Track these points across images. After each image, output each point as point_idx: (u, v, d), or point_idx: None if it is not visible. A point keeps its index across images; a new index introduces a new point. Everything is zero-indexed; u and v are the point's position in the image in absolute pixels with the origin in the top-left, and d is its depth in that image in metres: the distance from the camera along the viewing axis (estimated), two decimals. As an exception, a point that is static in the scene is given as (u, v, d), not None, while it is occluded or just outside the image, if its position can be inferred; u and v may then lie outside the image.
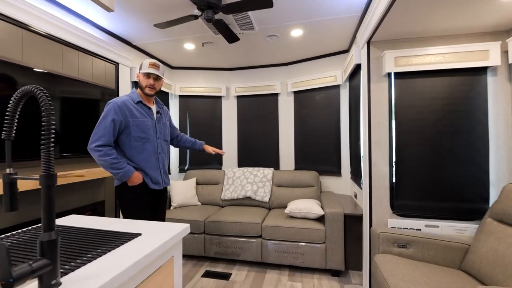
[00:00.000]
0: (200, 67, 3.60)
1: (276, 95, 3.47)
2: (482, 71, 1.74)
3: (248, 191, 3.00)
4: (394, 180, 1.90)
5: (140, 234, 0.97)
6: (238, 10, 1.88)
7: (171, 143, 2.06)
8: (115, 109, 1.55)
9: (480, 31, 1.74)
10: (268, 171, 3.14)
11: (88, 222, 1.15)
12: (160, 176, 1.71)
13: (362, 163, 2.28)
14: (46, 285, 0.58)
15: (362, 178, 2.22)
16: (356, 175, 2.58)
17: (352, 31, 2.48)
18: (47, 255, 0.58)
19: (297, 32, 2.51)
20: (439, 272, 1.46)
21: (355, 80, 2.62)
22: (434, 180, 1.81)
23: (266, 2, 1.77)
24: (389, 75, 1.91)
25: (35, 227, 1.07)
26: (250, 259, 2.44)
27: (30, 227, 1.06)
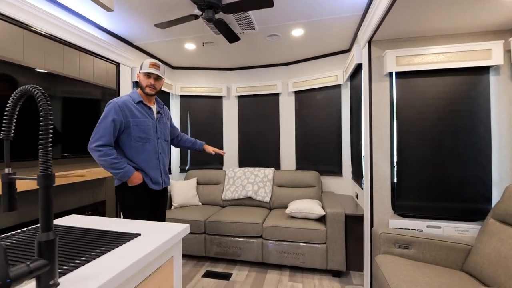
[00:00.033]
0: (200, 67, 3.60)
1: (277, 95, 3.46)
2: (484, 70, 1.73)
3: (249, 191, 2.99)
4: (395, 180, 1.89)
5: (139, 234, 0.97)
6: (238, 9, 1.88)
7: (171, 143, 2.06)
8: (115, 109, 1.55)
9: (482, 30, 1.72)
10: (269, 171, 3.14)
11: (87, 222, 1.15)
12: (160, 176, 1.71)
13: (363, 163, 2.27)
14: (44, 285, 0.57)
15: (363, 178, 2.21)
16: (357, 175, 2.57)
17: (353, 30, 2.47)
18: (45, 255, 0.58)
19: (298, 32, 2.51)
20: (440, 273, 1.44)
21: (356, 79, 2.60)
22: (435, 180, 1.80)
23: (267, 1, 1.77)
24: (390, 74, 1.90)
25: (35, 227, 1.07)
26: (251, 259, 2.44)
27: (30, 227, 1.06)
